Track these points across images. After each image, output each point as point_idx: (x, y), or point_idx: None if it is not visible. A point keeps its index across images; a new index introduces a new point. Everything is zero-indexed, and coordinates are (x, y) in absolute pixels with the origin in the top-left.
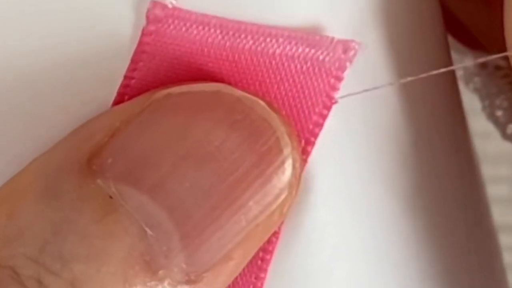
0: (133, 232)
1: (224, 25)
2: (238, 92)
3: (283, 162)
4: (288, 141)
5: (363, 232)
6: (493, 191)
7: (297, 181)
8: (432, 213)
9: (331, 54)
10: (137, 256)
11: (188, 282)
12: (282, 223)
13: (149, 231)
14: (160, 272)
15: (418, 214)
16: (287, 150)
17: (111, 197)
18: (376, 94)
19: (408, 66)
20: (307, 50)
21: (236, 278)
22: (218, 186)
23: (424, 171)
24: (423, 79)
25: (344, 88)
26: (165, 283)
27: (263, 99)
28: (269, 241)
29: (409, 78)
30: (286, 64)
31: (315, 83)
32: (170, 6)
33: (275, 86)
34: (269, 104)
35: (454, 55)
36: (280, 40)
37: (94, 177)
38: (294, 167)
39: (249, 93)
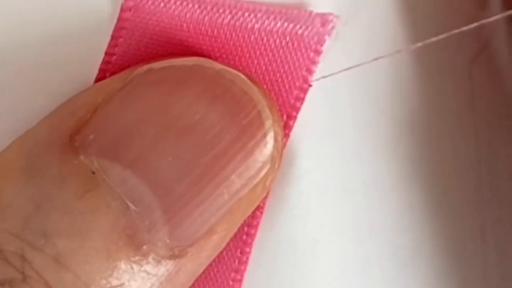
0: (115, 207)
1: (202, 0)
2: (219, 66)
3: (264, 135)
4: (269, 114)
5: (350, 204)
6: None
7: (280, 154)
8: (430, 187)
9: (309, 28)
10: (120, 231)
11: (172, 256)
12: (266, 197)
13: (131, 206)
14: (144, 247)
15: (413, 187)
16: (268, 123)
17: (93, 172)
18: (361, 69)
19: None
20: (285, 24)
21: (222, 252)
22: (200, 160)
23: (421, 147)
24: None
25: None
26: (149, 258)
27: (243, 72)
28: (253, 216)
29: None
30: (265, 38)
31: (295, 57)
32: None
33: (255, 61)
34: (250, 77)
35: None
36: (259, 15)
37: (76, 153)
38: (276, 140)
39: (229, 66)
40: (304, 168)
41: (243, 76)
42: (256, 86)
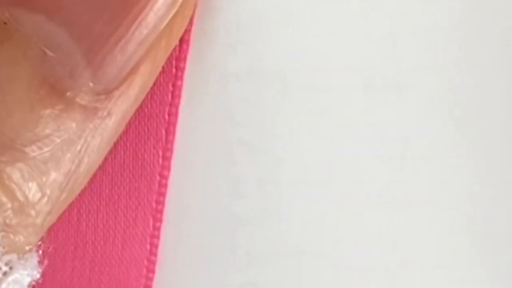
0: (33, 56)
1: None
2: None
3: None
4: None
5: (282, 34)
6: None
7: None
8: None
9: None
10: (41, 80)
11: (98, 101)
12: (190, 30)
13: (49, 53)
14: (68, 93)
15: None
16: None
17: (5, 23)
18: None
19: None
20: None
21: (153, 88)
22: None
23: None
24: None
25: None
26: (75, 105)
27: None
28: (180, 50)
29: None
30: None
31: None
32: None
33: None
34: None
35: None
36: None
37: None
38: None
39: None
40: None
41: None
42: None
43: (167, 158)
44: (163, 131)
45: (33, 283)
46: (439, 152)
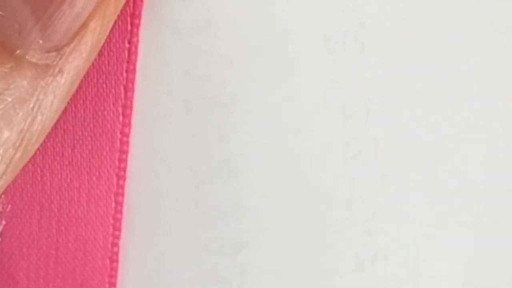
0: None
1: None
2: None
3: None
4: None
5: None
6: None
7: None
8: None
9: None
10: None
11: (49, 58)
12: None
13: None
14: (17, 51)
15: None
16: None
17: None
18: None
19: None
20: None
21: (110, 46)
22: None
23: None
24: None
25: None
26: (25, 63)
27: None
28: (134, 6)
29: None
30: None
31: None
32: None
33: None
34: None
35: None
36: None
37: None
38: None
39: None
40: None
41: None
42: None
43: (127, 116)
44: (122, 89)
45: None
46: (404, 105)
